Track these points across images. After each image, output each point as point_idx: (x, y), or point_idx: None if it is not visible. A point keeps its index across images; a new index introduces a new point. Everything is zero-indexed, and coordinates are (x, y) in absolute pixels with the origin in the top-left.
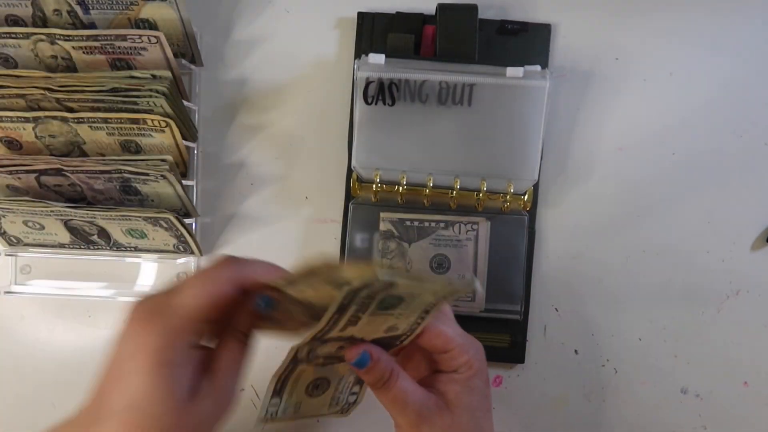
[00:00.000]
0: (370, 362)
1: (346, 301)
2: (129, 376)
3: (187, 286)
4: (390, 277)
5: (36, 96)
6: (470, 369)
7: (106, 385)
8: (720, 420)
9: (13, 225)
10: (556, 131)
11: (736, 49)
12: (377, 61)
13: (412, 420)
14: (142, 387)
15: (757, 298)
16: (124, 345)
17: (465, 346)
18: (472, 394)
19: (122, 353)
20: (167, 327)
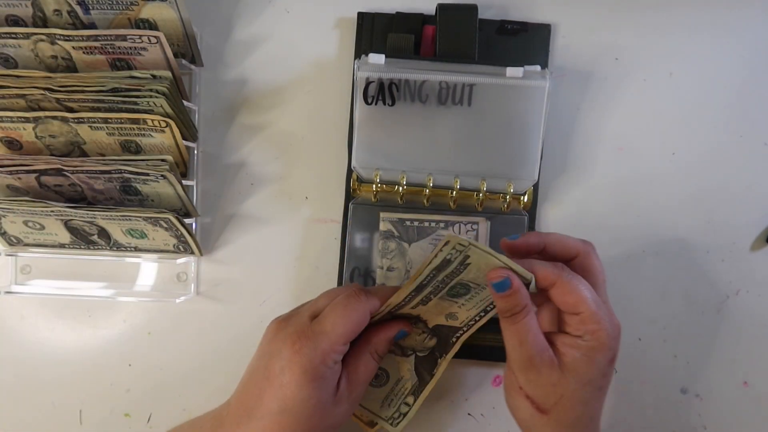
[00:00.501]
0: (510, 288)
1: (425, 281)
2: (284, 386)
3: (333, 315)
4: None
5: (36, 96)
6: (596, 340)
7: (259, 391)
8: (720, 420)
9: (14, 225)
10: (556, 131)
11: (736, 49)
12: (377, 61)
13: (522, 361)
14: (298, 395)
15: (757, 298)
16: (276, 361)
17: (598, 315)
18: (589, 365)
19: (274, 367)
20: (317, 350)
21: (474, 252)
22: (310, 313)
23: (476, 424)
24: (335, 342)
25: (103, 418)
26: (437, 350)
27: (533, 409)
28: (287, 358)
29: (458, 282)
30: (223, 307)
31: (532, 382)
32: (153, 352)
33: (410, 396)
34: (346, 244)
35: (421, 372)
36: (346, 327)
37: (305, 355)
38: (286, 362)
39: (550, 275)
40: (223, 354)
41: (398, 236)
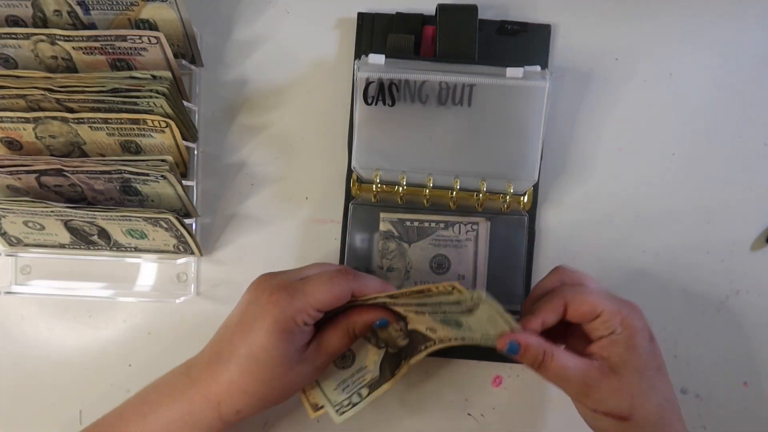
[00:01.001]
0: (521, 349)
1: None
2: (255, 332)
3: (317, 281)
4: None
5: (36, 96)
6: (628, 328)
7: (231, 335)
8: (720, 420)
9: (14, 225)
10: (556, 131)
11: (736, 50)
12: (377, 61)
13: (579, 390)
14: (265, 342)
15: (757, 298)
16: (252, 307)
17: (615, 307)
18: (635, 352)
19: (250, 313)
20: (292, 306)
21: (484, 307)
22: (297, 275)
23: (476, 424)
24: (310, 305)
25: None
26: (405, 352)
27: (617, 422)
28: (262, 306)
29: (456, 318)
30: (223, 307)
31: (600, 400)
32: (153, 352)
33: (366, 388)
34: (346, 244)
35: (384, 369)
36: (325, 296)
37: (279, 307)
38: (260, 310)
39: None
40: None
41: (398, 236)
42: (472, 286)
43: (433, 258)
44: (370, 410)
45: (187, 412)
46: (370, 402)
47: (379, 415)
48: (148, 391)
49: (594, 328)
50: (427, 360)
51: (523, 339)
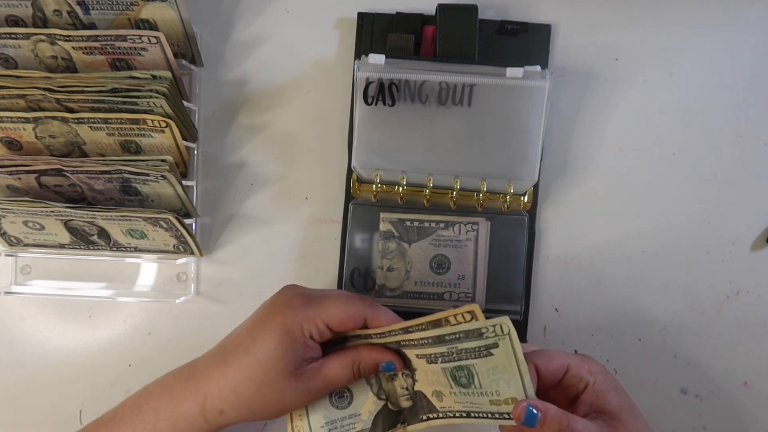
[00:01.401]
0: (539, 417)
1: (448, 336)
2: (261, 330)
3: (333, 298)
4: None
5: (36, 96)
6: (600, 374)
7: (241, 332)
8: (720, 420)
9: (13, 225)
10: (556, 131)
11: (736, 50)
12: (377, 61)
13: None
14: (267, 341)
15: (757, 298)
16: (267, 309)
17: (578, 361)
18: (619, 393)
19: (263, 314)
20: (305, 312)
21: (504, 346)
22: (320, 292)
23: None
24: (322, 317)
25: None
26: (405, 414)
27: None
28: (276, 307)
29: (470, 366)
30: (223, 307)
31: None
32: (153, 352)
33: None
34: (346, 244)
35: (378, 423)
36: (339, 312)
37: (292, 311)
38: (273, 310)
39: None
40: None
41: (398, 236)
42: (473, 285)
43: (433, 258)
44: None
45: (175, 403)
46: None
47: None
48: (148, 386)
49: (568, 385)
50: None
51: (542, 405)
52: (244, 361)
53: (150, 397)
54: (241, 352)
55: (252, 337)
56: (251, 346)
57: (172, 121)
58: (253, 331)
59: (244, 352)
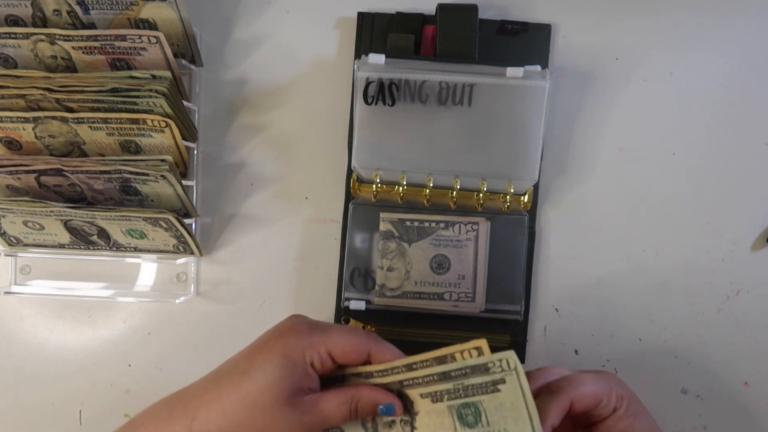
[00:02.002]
0: None
1: (454, 372)
2: (261, 353)
3: (337, 329)
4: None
5: (36, 96)
6: (623, 400)
7: (241, 356)
8: (720, 420)
9: (13, 225)
10: (556, 131)
11: (736, 49)
12: (377, 61)
13: None
14: (265, 363)
15: (757, 298)
16: (273, 332)
17: (607, 387)
18: (641, 419)
19: (268, 336)
20: (309, 338)
21: (511, 382)
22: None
23: None
24: (326, 344)
25: (103, 418)
26: None
27: None
28: (281, 331)
29: (477, 403)
30: (223, 307)
31: None
32: (153, 352)
33: None
34: (346, 244)
35: None
36: (343, 342)
37: (295, 335)
38: (277, 334)
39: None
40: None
41: (398, 236)
42: (473, 285)
43: (433, 258)
44: None
45: (161, 428)
46: None
47: None
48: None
49: (595, 414)
50: None
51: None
52: (238, 382)
53: (138, 425)
54: (237, 374)
55: (249, 360)
56: (248, 368)
57: (172, 121)
58: (252, 355)
59: (241, 373)
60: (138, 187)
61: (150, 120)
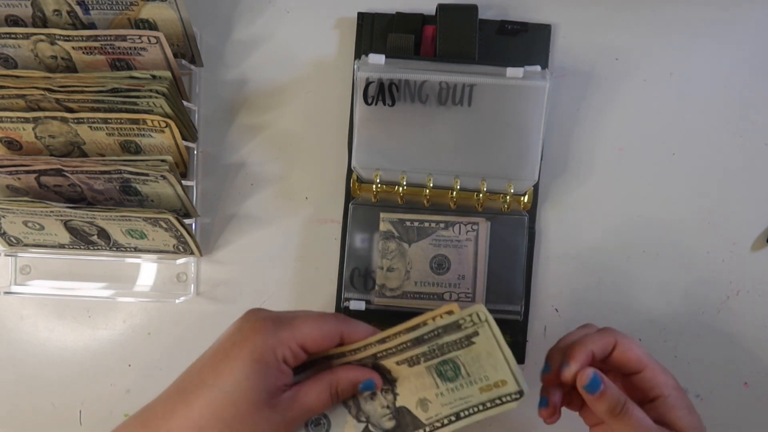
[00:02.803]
0: (603, 386)
1: (426, 335)
2: (228, 360)
3: (303, 318)
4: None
5: (36, 96)
6: (677, 389)
7: (204, 365)
8: (720, 420)
9: (13, 225)
10: (556, 131)
11: (736, 49)
12: (377, 61)
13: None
14: (236, 371)
15: (757, 298)
16: (235, 335)
17: (660, 367)
18: (692, 415)
19: (229, 341)
20: (277, 335)
21: (484, 333)
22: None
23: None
24: (295, 338)
25: (103, 418)
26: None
27: None
28: (244, 333)
29: (453, 359)
30: (223, 307)
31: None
32: (153, 352)
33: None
34: (346, 244)
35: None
36: (313, 331)
37: (262, 335)
38: (241, 337)
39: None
40: None
41: (398, 236)
42: (473, 285)
43: (433, 258)
44: None
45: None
46: None
47: None
48: None
49: (638, 388)
50: None
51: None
52: (208, 396)
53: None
54: (205, 387)
55: (215, 370)
56: (216, 379)
57: (172, 121)
58: (216, 363)
59: (209, 387)
60: (138, 188)
61: (150, 120)
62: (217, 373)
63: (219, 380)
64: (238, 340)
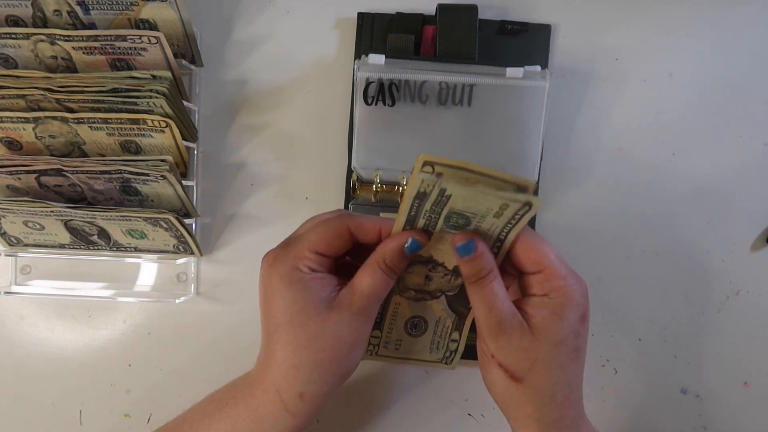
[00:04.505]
0: (474, 252)
1: (412, 211)
2: (273, 301)
3: (310, 227)
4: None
5: (36, 96)
6: (563, 296)
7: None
8: (720, 420)
9: (13, 225)
10: (556, 131)
11: (736, 49)
12: (377, 61)
13: (492, 326)
14: (282, 304)
15: (757, 298)
16: (262, 285)
17: (561, 271)
18: (559, 323)
19: (264, 291)
20: (289, 255)
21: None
22: (293, 235)
23: (476, 424)
24: (307, 248)
25: (103, 418)
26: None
27: (508, 379)
28: (267, 275)
29: (451, 212)
30: (223, 307)
31: (504, 348)
32: (153, 352)
33: (455, 332)
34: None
35: (456, 308)
36: (320, 236)
37: (279, 263)
38: (267, 279)
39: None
40: (223, 354)
41: None
42: None
43: None
44: (370, 409)
45: (252, 408)
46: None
47: (378, 416)
48: (211, 396)
49: (530, 284)
50: None
51: (481, 245)
52: (281, 337)
53: (220, 404)
54: (273, 332)
55: (271, 313)
56: (275, 319)
57: (172, 121)
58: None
59: (275, 329)
60: (138, 188)
61: (150, 120)
62: (271, 315)
63: (277, 319)
64: (268, 284)
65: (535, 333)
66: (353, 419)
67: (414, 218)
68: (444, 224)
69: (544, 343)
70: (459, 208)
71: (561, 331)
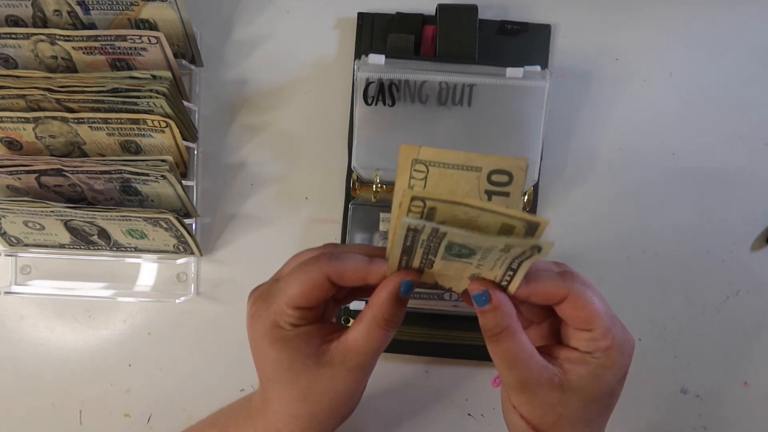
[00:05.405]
0: (489, 305)
1: (407, 241)
2: (259, 356)
3: (289, 276)
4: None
5: (36, 96)
6: (608, 357)
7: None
8: (720, 420)
9: (13, 225)
10: (556, 131)
11: (735, 50)
12: (377, 61)
13: (514, 384)
14: (268, 362)
15: (757, 298)
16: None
17: (612, 332)
18: (598, 384)
19: (250, 338)
20: (269, 310)
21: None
22: (276, 277)
23: (476, 424)
24: (285, 304)
25: (103, 418)
26: None
27: (529, 429)
28: (250, 325)
29: (450, 243)
30: (223, 307)
31: (527, 404)
32: (153, 352)
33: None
34: (346, 244)
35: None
36: (296, 290)
37: (260, 319)
38: (250, 330)
39: (561, 290)
40: (223, 354)
41: None
42: None
43: None
44: (370, 409)
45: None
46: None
47: (378, 415)
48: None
49: (573, 337)
50: (427, 359)
51: (498, 298)
52: (274, 391)
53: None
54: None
55: (261, 370)
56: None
57: (172, 121)
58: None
59: (267, 383)
60: (138, 188)
61: (150, 120)
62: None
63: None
64: (251, 334)
65: (567, 389)
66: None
67: (410, 249)
68: (445, 252)
69: (574, 400)
70: (459, 243)
71: (596, 392)
